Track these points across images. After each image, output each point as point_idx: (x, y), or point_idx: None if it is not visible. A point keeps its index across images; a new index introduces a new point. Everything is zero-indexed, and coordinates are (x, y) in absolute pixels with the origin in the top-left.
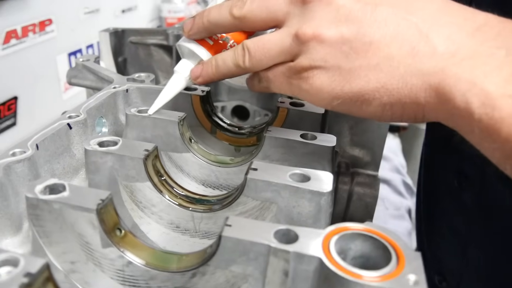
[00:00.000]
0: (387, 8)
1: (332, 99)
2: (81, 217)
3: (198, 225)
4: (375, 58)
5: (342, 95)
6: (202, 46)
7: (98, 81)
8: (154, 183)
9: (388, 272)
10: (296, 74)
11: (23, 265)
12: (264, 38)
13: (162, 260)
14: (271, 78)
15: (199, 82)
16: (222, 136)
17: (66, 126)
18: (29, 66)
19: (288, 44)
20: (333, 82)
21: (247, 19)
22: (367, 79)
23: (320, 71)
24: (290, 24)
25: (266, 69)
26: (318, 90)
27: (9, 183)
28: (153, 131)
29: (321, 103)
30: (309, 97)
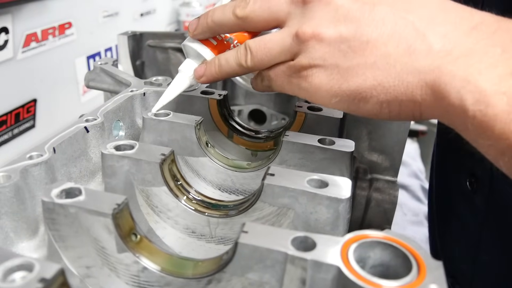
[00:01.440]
0: (385, 8)
1: (331, 97)
2: (96, 222)
3: (214, 230)
4: (372, 56)
5: (340, 93)
6: (206, 46)
7: (115, 85)
8: (170, 187)
9: (408, 282)
10: (296, 72)
11: (38, 270)
12: (265, 38)
13: (178, 266)
14: (272, 77)
15: (203, 81)
16: (239, 140)
17: (83, 130)
18: (48, 69)
19: (288, 43)
20: (331, 81)
21: (250, 19)
22: (364, 77)
23: (319, 70)
24: (291, 24)
25: (268, 68)
26: (317, 88)
27: (26, 187)
28: (170, 135)
29: (320, 101)
30: (308, 96)
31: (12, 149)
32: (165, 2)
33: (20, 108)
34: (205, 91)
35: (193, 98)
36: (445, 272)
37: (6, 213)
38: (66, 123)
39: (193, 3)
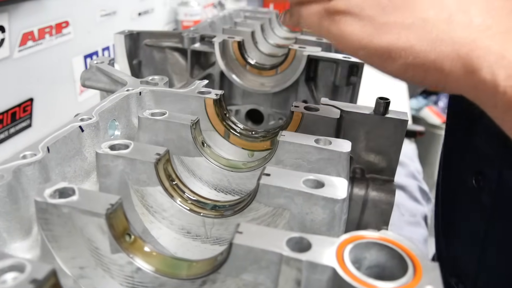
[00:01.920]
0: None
1: (358, 48)
2: (90, 222)
3: (210, 231)
4: (411, 17)
5: (369, 47)
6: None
7: (111, 84)
8: (165, 187)
9: (404, 283)
10: (329, 15)
11: (30, 271)
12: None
13: (172, 267)
14: (303, 14)
15: None
16: (236, 140)
17: (78, 129)
18: (45, 68)
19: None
20: (363, 32)
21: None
22: (398, 36)
23: (354, 18)
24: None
25: (300, 4)
26: (347, 37)
27: (19, 186)
28: (166, 134)
29: (346, 49)
30: (336, 41)
31: (9, 148)
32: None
33: (17, 108)
34: (202, 91)
35: (189, 97)
36: (449, 271)
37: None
38: (63, 123)
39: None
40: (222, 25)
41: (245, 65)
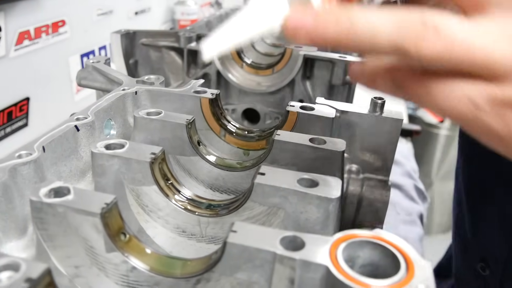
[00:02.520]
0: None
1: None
2: (85, 221)
3: (205, 230)
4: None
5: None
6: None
7: (107, 83)
8: (161, 186)
9: (397, 281)
10: (494, 105)
11: (24, 270)
12: (463, 26)
13: (167, 266)
14: (441, 93)
15: (301, 38)
16: (231, 139)
17: (73, 128)
18: (41, 67)
19: (509, 58)
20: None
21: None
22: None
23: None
24: (510, 25)
25: (435, 77)
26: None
27: (15, 186)
28: (161, 134)
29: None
30: (491, 141)
31: (5, 148)
32: (160, 1)
33: (13, 107)
34: (198, 90)
35: (185, 97)
36: (475, 258)
37: None
38: (59, 122)
39: (188, 1)
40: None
41: (241, 64)
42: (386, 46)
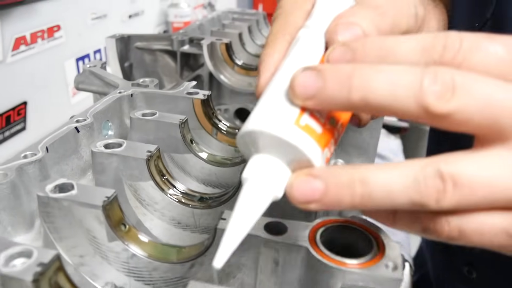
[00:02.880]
0: None
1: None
2: (88, 213)
3: (198, 220)
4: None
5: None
6: (308, 134)
7: (104, 86)
8: (157, 182)
9: (369, 259)
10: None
11: (36, 256)
12: (483, 166)
13: (164, 253)
14: (472, 229)
15: (313, 208)
16: (223, 137)
17: (74, 130)
18: (38, 71)
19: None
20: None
21: (449, 119)
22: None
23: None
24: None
25: (463, 215)
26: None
27: (22, 184)
28: (156, 133)
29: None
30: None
31: (4, 151)
32: (153, 4)
33: (11, 111)
34: (190, 92)
35: (178, 98)
36: (461, 261)
37: (4, 208)
38: (57, 125)
39: (181, 4)
40: (211, 27)
41: (232, 66)
42: (405, 204)
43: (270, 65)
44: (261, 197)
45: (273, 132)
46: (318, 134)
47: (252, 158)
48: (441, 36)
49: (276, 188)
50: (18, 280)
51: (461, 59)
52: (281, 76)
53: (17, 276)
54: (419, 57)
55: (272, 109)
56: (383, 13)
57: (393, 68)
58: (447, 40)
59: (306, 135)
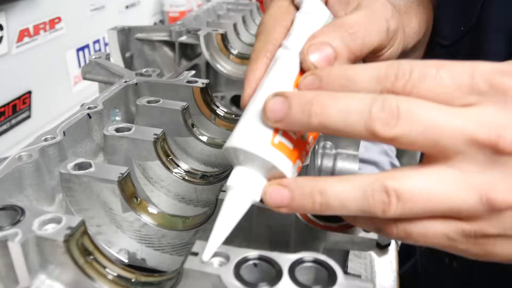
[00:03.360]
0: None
1: (508, 263)
2: (105, 188)
3: (200, 196)
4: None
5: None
6: (280, 151)
7: (109, 76)
8: (163, 161)
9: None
10: (468, 238)
11: (65, 222)
12: (425, 182)
13: (171, 222)
14: (417, 232)
15: (283, 212)
16: (220, 122)
17: (86, 116)
18: (41, 62)
19: (471, 204)
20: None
21: (395, 142)
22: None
23: (507, 239)
24: (470, 174)
25: (408, 220)
26: (494, 256)
27: (44, 163)
28: (160, 118)
29: (486, 260)
30: (472, 257)
31: (11, 138)
32: None
33: (17, 100)
34: (190, 80)
35: (179, 86)
36: (442, 251)
37: (30, 184)
38: (60, 113)
39: None
40: (206, 18)
41: (228, 55)
42: (357, 212)
43: (252, 81)
44: (242, 202)
45: (251, 150)
46: (290, 149)
47: (235, 170)
48: (394, 66)
49: (254, 194)
50: (52, 241)
51: (410, 87)
52: (259, 97)
53: (50, 238)
54: (375, 85)
55: (251, 129)
56: (354, 33)
57: (348, 96)
58: (399, 70)
59: (279, 152)
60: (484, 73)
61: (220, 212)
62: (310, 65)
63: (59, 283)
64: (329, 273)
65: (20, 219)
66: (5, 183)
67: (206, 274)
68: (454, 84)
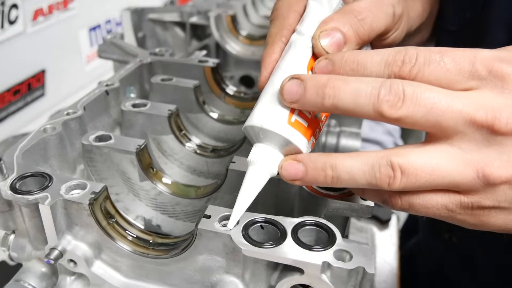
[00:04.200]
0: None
1: (501, 232)
2: (124, 158)
3: (211, 168)
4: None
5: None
6: (296, 129)
7: (124, 55)
8: (176, 136)
9: (347, 192)
10: (465, 209)
11: (90, 187)
12: (427, 158)
13: (184, 191)
14: (419, 204)
15: (297, 184)
16: (230, 100)
17: (104, 93)
18: (54, 41)
19: (468, 178)
20: (511, 221)
21: (400, 122)
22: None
23: (500, 211)
24: (468, 151)
25: (411, 193)
26: (489, 226)
27: (66, 136)
28: (173, 95)
29: (481, 229)
30: (469, 227)
31: (26, 115)
32: None
33: (31, 78)
34: (201, 60)
35: (191, 65)
36: (443, 227)
37: (54, 155)
38: (73, 91)
39: None
40: None
41: (237, 36)
42: (365, 185)
43: (268, 64)
44: (261, 175)
45: (270, 128)
46: (305, 127)
47: (255, 146)
48: (402, 52)
49: (272, 168)
50: (78, 204)
51: (416, 72)
52: (276, 79)
53: (77, 201)
54: (383, 70)
55: (269, 109)
56: (363, 19)
57: (358, 80)
58: (405, 56)
59: (295, 130)
60: (484, 60)
61: (243, 185)
62: (321, 49)
63: (83, 243)
64: (328, 235)
65: (48, 185)
66: (32, 153)
67: (218, 234)
68: (456, 70)
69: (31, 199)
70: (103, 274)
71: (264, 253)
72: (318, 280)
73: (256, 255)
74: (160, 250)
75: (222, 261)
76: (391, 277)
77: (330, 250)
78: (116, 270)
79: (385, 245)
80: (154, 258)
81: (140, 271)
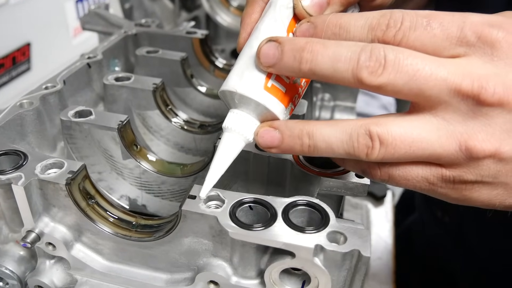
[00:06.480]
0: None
1: (485, 207)
2: (105, 135)
3: (199, 145)
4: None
5: (499, 206)
6: (273, 95)
7: (108, 26)
8: (162, 111)
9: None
10: (448, 183)
11: (67, 166)
12: (407, 128)
13: (170, 169)
14: (397, 178)
15: (274, 152)
16: (219, 74)
17: (86, 66)
18: (39, 13)
19: (451, 151)
20: (494, 197)
21: (381, 90)
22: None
23: (484, 186)
24: (452, 122)
25: (391, 164)
26: (472, 201)
27: (45, 111)
28: (160, 69)
29: (466, 204)
30: (451, 201)
31: (12, 90)
32: None
33: (16, 52)
34: (189, 31)
35: (178, 37)
36: (436, 205)
37: (32, 132)
38: (60, 65)
39: None
40: None
41: (228, 7)
42: (343, 154)
43: (247, 25)
44: (236, 142)
45: (245, 93)
46: (283, 93)
47: (230, 112)
48: (387, 15)
49: (247, 134)
50: (54, 184)
51: (400, 37)
52: (253, 41)
53: (53, 181)
54: (366, 34)
55: (245, 73)
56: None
57: (337, 44)
58: (390, 20)
59: (271, 96)
60: (474, 25)
61: (216, 152)
62: (302, 10)
63: (62, 225)
64: (321, 215)
65: (22, 164)
66: (7, 130)
67: (204, 215)
68: (444, 35)
69: (3, 179)
70: (84, 257)
71: (253, 236)
72: (310, 264)
73: (244, 238)
74: (143, 233)
75: (208, 244)
76: (386, 254)
77: (323, 232)
78: (97, 254)
79: (380, 222)
80: (137, 240)
81: (123, 254)
